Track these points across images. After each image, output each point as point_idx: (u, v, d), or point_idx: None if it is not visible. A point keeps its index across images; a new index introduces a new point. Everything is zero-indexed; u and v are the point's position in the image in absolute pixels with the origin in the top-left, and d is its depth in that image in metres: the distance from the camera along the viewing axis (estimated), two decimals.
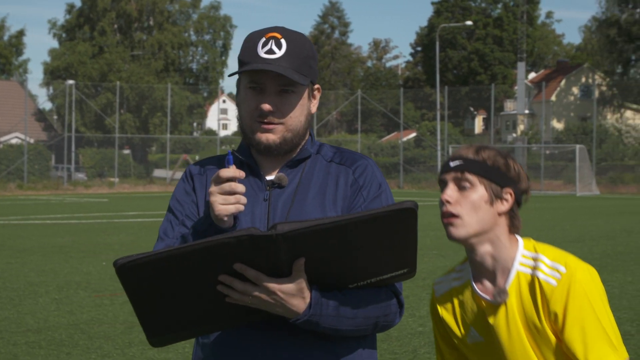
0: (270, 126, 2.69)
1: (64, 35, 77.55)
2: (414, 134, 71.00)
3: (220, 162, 2.81)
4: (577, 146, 53.11)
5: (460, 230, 2.77)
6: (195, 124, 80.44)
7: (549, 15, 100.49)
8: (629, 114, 76.49)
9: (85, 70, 72.43)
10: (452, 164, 2.81)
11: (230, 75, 2.75)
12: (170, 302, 2.42)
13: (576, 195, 50.13)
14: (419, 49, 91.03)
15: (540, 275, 2.75)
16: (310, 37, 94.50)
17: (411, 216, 2.42)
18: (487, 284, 2.85)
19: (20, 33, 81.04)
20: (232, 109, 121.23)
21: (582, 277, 2.73)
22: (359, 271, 2.52)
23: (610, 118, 73.69)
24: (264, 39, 2.68)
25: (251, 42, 2.70)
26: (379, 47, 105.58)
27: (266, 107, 2.67)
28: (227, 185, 2.53)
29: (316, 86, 2.80)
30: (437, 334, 3.03)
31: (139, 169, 63.00)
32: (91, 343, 8.99)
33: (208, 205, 2.61)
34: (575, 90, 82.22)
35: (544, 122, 67.15)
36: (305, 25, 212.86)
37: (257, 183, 2.74)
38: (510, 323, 2.80)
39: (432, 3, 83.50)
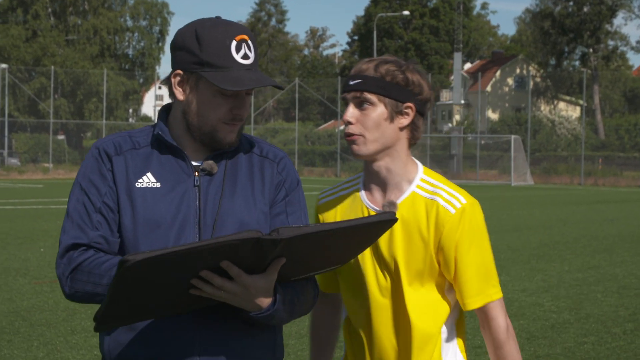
0: (236, 126, 2.72)
1: None
2: None
3: (133, 140, 2.75)
4: (512, 137, 53.68)
5: (363, 148, 2.89)
6: (131, 110, 79.61)
7: (484, 6, 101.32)
8: (562, 105, 77.59)
9: (18, 54, 71.25)
10: (351, 82, 2.89)
11: (232, 89, 2.63)
12: (145, 296, 2.42)
13: (511, 185, 50.70)
14: (355, 38, 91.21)
15: (440, 200, 2.89)
16: (246, 24, 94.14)
17: (388, 226, 2.59)
18: (377, 195, 2.98)
19: None
20: (168, 96, 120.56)
21: (477, 212, 2.91)
22: (313, 268, 2.62)
23: (544, 109, 74.63)
24: (235, 42, 2.66)
25: (220, 43, 2.65)
26: (316, 36, 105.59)
27: (244, 112, 2.70)
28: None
29: None
30: None
31: (74, 155, 62.26)
32: (33, 330, 8.89)
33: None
34: (510, 81, 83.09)
35: (479, 113, 67.76)
36: (241, 13, 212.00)
37: (181, 166, 2.72)
38: (391, 236, 2.91)
39: None
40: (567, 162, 57.75)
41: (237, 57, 2.65)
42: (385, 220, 2.53)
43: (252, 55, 2.68)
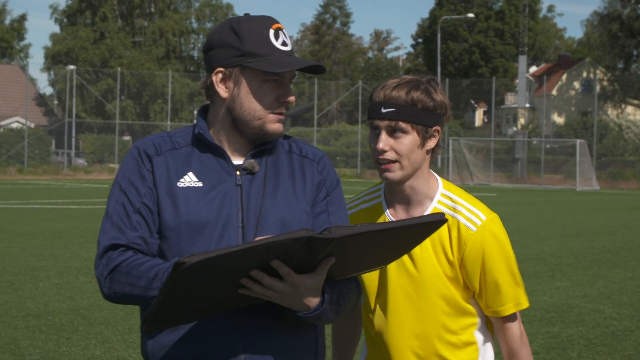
0: (283, 116, 2.73)
1: (65, 20, 77.38)
2: None
3: (173, 140, 2.75)
4: (578, 141, 53.03)
5: (397, 174, 2.95)
6: (195, 112, 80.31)
7: (550, 9, 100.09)
8: (629, 109, 76.44)
9: (86, 56, 72.31)
10: (384, 110, 2.92)
11: (280, 71, 2.65)
12: (196, 296, 2.41)
13: (576, 189, 50.09)
14: (420, 40, 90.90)
15: (461, 218, 2.97)
16: (311, 26, 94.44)
17: (437, 227, 2.58)
18: (401, 212, 3.05)
19: (22, 17, 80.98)
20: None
21: (497, 228, 2.98)
22: (359, 268, 2.62)
23: (611, 113, 73.63)
24: (272, 30, 2.69)
25: (258, 32, 2.67)
26: (380, 38, 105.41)
27: (292, 99, 2.71)
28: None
29: None
30: None
31: None
32: (91, 328, 9.00)
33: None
34: (576, 84, 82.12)
35: (544, 116, 67.10)
36: (306, 15, 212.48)
37: (222, 165, 2.72)
38: (415, 252, 2.97)
39: None
40: (634, 167, 56.84)
41: (277, 44, 2.67)
42: (435, 221, 2.53)
43: (289, 42, 2.71)
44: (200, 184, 2.68)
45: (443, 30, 77.69)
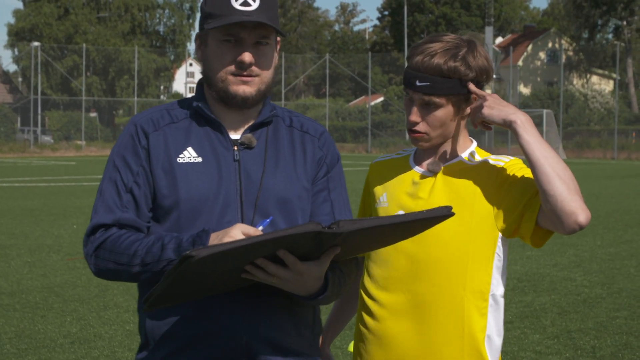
0: (249, 78, 2.65)
1: None
2: (381, 99, 70.98)
3: (172, 114, 2.72)
4: (545, 111, 53.31)
5: (426, 143, 2.90)
6: (162, 87, 79.81)
7: None
8: (595, 79, 76.90)
9: (50, 32, 71.58)
10: (419, 83, 2.81)
11: (206, 29, 2.64)
12: (200, 283, 2.43)
13: None
14: (386, 13, 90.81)
15: (489, 160, 2.89)
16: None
17: (443, 220, 2.59)
18: (425, 164, 2.96)
19: None
20: (199, 72, 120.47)
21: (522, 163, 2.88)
22: (361, 251, 2.68)
23: (577, 83, 74.04)
24: None
25: None
26: (346, 11, 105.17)
27: (248, 57, 2.62)
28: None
29: (278, 38, 2.77)
30: (363, 198, 3.15)
31: (106, 132, 62.58)
32: (66, 306, 8.98)
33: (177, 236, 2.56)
34: (542, 55, 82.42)
35: (511, 87, 67.35)
36: None
37: (220, 140, 2.68)
38: (431, 196, 2.87)
39: None
40: (600, 136, 57.28)
41: (236, 5, 2.60)
42: (444, 215, 2.53)
43: (255, 3, 2.61)
44: (199, 159, 2.65)
45: (409, 2, 77.64)
